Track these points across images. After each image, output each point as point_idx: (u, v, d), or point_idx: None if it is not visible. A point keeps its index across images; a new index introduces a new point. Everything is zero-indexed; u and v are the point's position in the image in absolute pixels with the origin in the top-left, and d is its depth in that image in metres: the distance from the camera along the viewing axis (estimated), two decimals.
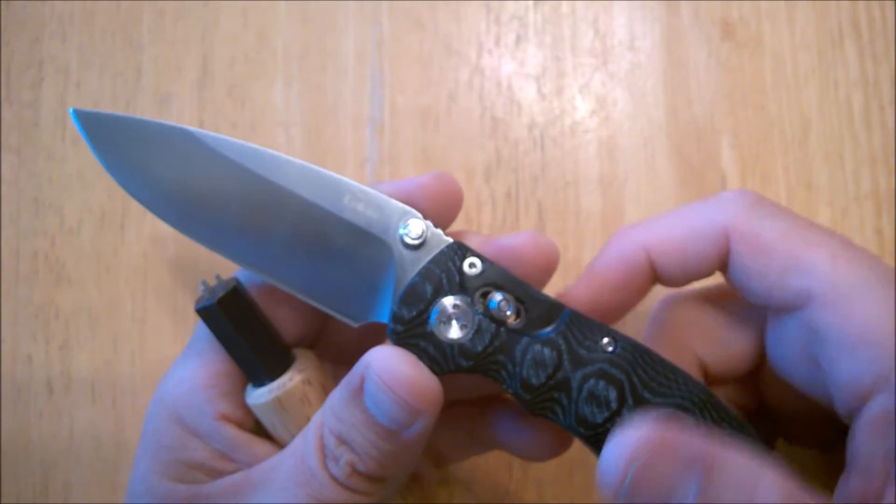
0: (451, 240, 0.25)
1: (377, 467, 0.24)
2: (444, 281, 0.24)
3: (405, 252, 0.25)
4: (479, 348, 0.24)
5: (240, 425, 0.27)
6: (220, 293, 0.26)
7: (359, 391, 0.24)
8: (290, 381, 0.26)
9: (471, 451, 0.31)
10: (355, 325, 0.26)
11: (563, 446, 0.29)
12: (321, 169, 0.26)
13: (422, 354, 0.24)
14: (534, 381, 0.24)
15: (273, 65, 0.38)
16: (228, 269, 0.36)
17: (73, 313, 0.37)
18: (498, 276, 0.25)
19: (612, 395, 0.23)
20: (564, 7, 0.38)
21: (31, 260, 0.37)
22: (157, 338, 0.36)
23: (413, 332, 0.24)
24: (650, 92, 0.37)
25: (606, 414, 0.23)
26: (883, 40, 0.37)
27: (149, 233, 0.37)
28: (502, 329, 0.24)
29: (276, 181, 0.26)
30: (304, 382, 0.26)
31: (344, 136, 0.38)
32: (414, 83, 0.38)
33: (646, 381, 0.23)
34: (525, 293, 0.25)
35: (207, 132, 0.27)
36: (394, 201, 0.26)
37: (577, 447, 0.34)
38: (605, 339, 0.24)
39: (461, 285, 0.24)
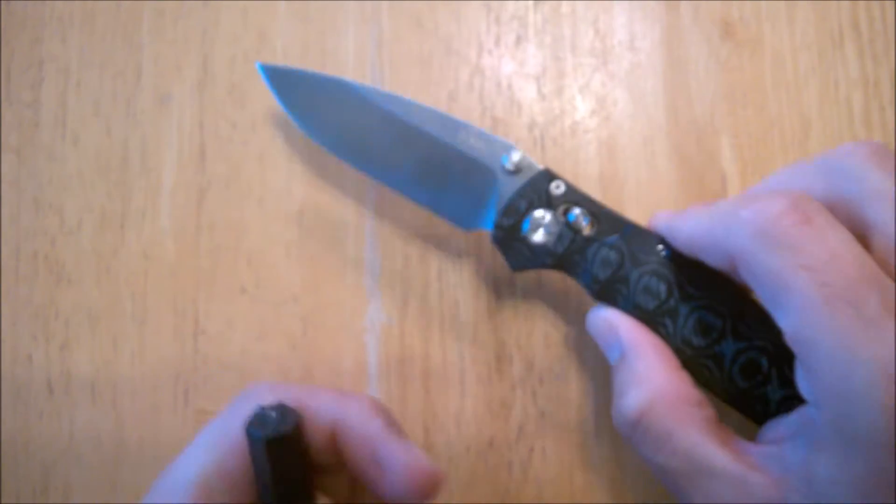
0: (541, 167, 0.32)
1: None
2: (535, 199, 0.31)
3: (506, 176, 0.32)
4: (560, 250, 0.31)
5: None
6: (274, 426, 0.25)
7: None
8: None
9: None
10: (466, 230, 0.34)
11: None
12: (441, 111, 0.33)
13: (517, 253, 0.32)
14: (601, 276, 0.30)
15: None
16: (233, 270, 0.36)
17: (73, 313, 0.37)
18: (576, 196, 0.31)
19: (662, 288, 0.29)
20: (564, 7, 0.38)
21: (31, 260, 0.37)
22: (157, 338, 0.36)
23: (510, 236, 0.32)
24: (650, 92, 0.37)
25: (657, 303, 0.29)
26: (883, 40, 0.37)
27: (149, 233, 0.37)
28: (578, 236, 0.31)
29: (409, 121, 0.33)
30: None
31: None
32: (414, 83, 0.38)
33: (690, 278, 0.29)
34: (598, 209, 0.31)
35: (360, 83, 0.34)
36: (498, 137, 0.33)
37: (578, 449, 0.34)
38: (660, 246, 0.29)
39: (548, 202, 0.31)
